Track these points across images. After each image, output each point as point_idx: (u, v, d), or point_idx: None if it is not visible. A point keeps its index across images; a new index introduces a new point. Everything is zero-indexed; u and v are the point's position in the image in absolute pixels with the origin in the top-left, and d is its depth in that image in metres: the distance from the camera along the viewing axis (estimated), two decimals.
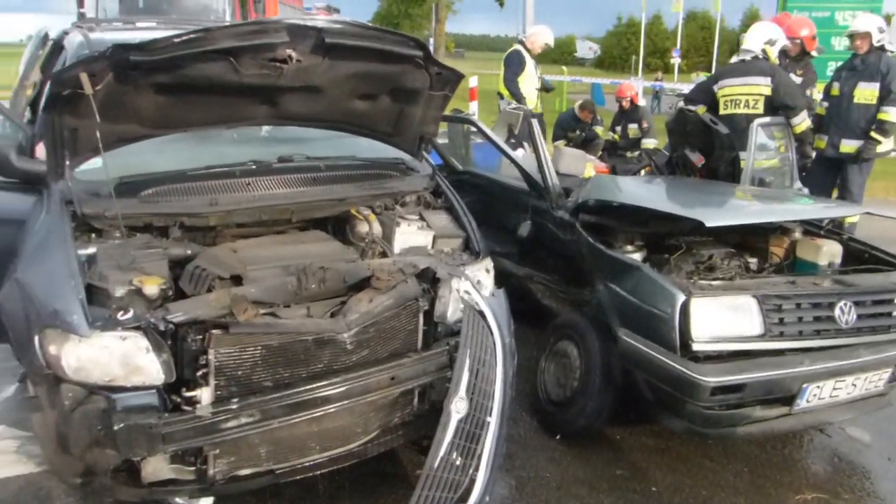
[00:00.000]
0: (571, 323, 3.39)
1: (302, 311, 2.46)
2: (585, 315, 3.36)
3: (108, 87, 2.35)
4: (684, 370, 2.64)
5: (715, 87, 5.09)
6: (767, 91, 4.85)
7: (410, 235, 3.05)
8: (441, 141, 4.95)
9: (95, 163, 2.58)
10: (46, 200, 2.63)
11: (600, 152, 8.30)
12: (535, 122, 3.81)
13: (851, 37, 5.60)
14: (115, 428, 2.10)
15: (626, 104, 8.38)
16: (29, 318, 2.25)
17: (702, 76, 25.13)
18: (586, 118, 8.58)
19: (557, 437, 3.32)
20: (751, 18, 62.74)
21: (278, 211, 2.89)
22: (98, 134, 2.39)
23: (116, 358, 2.17)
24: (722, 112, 4.92)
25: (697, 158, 3.93)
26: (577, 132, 8.61)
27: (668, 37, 48.22)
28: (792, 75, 5.43)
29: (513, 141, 5.52)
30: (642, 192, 3.70)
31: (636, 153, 8.19)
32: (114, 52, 2.28)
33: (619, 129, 8.61)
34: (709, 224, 2.83)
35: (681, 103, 5.78)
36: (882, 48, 5.38)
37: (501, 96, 7.81)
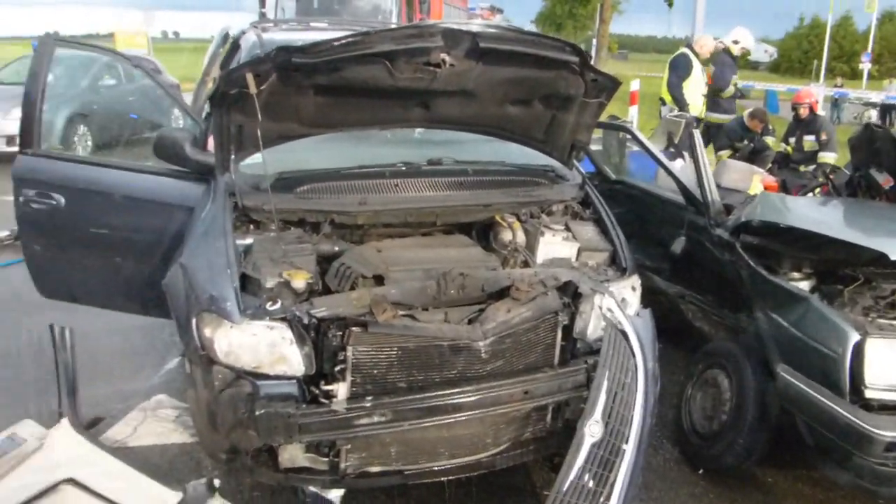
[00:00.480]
0: (724, 351, 3.16)
1: (440, 315, 2.47)
2: (741, 344, 3.11)
3: (272, 87, 2.46)
4: (855, 420, 2.37)
5: None
6: None
7: (554, 246, 2.97)
8: (595, 148, 4.81)
9: (258, 157, 2.73)
10: (213, 191, 2.82)
11: (770, 165, 7.69)
12: (696, 131, 3.57)
13: None
14: (257, 413, 2.22)
15: (803, 112, 7.67)
16: (189, 301, 2.42)
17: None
18: (756, 128, 7.96)
19: (700, 471, 3.10)
20: None
21: (423, 213, 2.92)
22: (259, 132, 2.52)
23: (263, 346, 2.29)
24: None
25: (885, 180, 3.50)
26: (746, 142, 8.03)
27: (859, 39, 43.99)
28: None
29: (672, 150, 5.25)
30: (816, 214, 3.36)
31: (811, 167, 7.50)
32: (278, 54, 2.39)
33: (793, 140, 7.91)
34: (894, 257, 2.51)
35: (873, 113, 5.22)
36: None
37: (664, 102, 7.49)
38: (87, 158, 4.83)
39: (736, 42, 7.93)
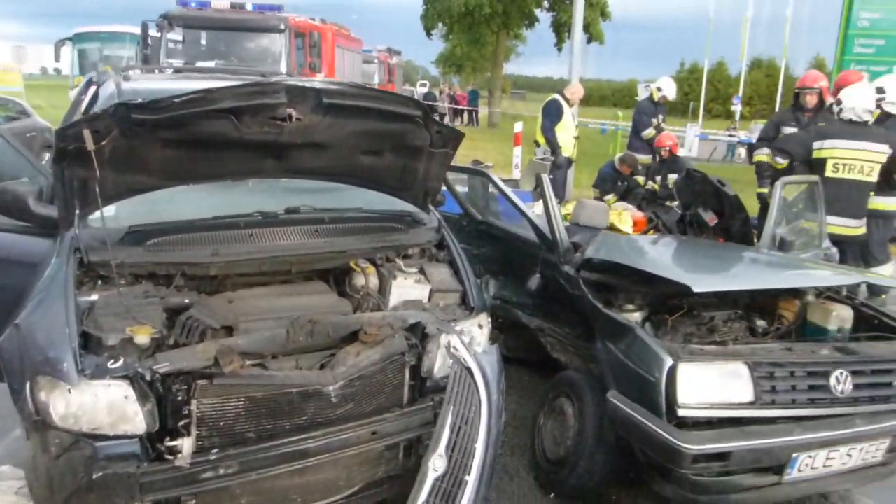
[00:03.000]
0: (568, 380, 3.40)
1: (291, 363, 2.53)
2: (584, 373, 3.35)
3: (115, 142, 2.45)
4: (667, 436, 2.62)
5: (817, 145, 5.03)
6: (883, 158, 4.85)
7: (407, 289, 3.10)
8: (462, 190, 5.05)
9: (108, 211, 2.71)
10: (59, 246, 2.75)
11: (640, 202, 8.27)
12: (545, 177, 3.85)
13: None
14: (95, 476, 2.18)
15: (664, 153, 8.35)
16: (24, 364, 2.35)
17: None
18: (626, 171, 8.60)
19: (552, 495, 3.30)
20: (817, 67, 61.47)
21: (278, 262, 2.94)
22: (97, 188, 2.50)
23: (103, 406, 2.23)
24: (830, 175, 4.91)
25: (710, 218, 3.90)
26: (620, 183, 8.62)
27: (732, 83, 47.57)
28: None
29: (538, 191, 5.56)
30: (645, 252, 3.70)
31: (675, 203, 8.15)
32: (116, 109, 2.39)
33: (658, 178, 8.56)
34: (696, 289, 2.82)
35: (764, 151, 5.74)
36: None
37: (538, 144, 7.93)
38: None
39: (659, 89, 8.67)
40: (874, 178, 4.95)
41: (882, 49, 13.39)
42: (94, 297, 2.57)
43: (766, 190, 5.59)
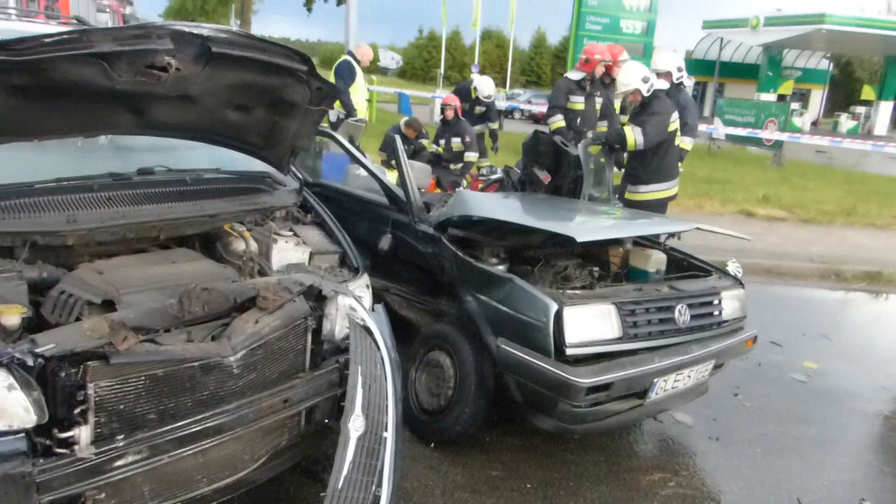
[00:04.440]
0: (442, 334, 3.52)
1: (182, 336, 2.32)
2: (455, 326, 3.49)
3: None
4: (561, 373, 2.87)
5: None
6: None
7: (288, 252, 3.00)
8: None
9: None
10: None
11: (427, 164, 8.58)
12: (398, 138, 3.88)
13: None
14: None
15: (448, 113, 8.72)
16: None
17: (503, 93, 26.82)
18: (411, 134, 8.83)
19: (432, 444, 3.42)
20: (539, 40, 67.82)
21: (145, 228, 2.66)
22: None
23: None
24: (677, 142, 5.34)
25: (544, 176, 4.25)
26: (407, 146, 8.83)
27: (467, 52, 50.57)
28: None
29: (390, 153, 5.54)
30: (509, 208, 3.93)
31: (459, 165, 8.60)
32: None
33: (442, 142, 8.94)
34: (580, 240, 3.09)
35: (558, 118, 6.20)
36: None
37: (332, 106, 7.81)
38: None
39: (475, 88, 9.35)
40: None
41: (607, 26, 15.33)
42: None
43: None
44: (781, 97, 29.88)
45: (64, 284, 2.30)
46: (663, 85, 5.13)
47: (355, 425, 2.49)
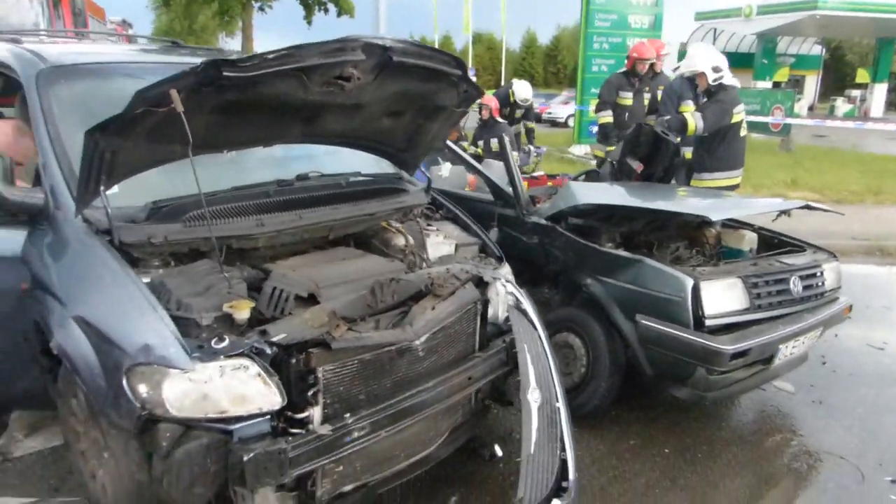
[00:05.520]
0: (570, 317, 3.75)
1: (370, 324, 2.54)
2: (582, 309, 3.73)
3: (202, 103, 2.26)
4: (708, 342, 3.11)
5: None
6: None
7: (439, 245, 3.22)
8: None
9: (113, 190, 2.45)
10: (58, 233, 2.49)
11: None
12: (507, 138, 4.12)
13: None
14: (246, 459, 2.06)
15: (485, 114, 8.91)
16: (107, 359, 2.15)
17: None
18: (453, 137, 9.04)
19: None
20: (530, 40, 68.17)
21: (318, 229, 2.88)
22: (189, 150, 2.29)
23: (224, 388, 2.12)
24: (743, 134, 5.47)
25: (637, 165, 4.50)
26: None
27: (459, 56, 50.76)
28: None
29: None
30: (625, 196, 4.18)
31: None
32: (206, 68, 2.15)
33: (481, 143, 9.15)
34: (713, 219, 3.34)
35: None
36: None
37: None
38: None
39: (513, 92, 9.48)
40: None
41: (616, 22, 15.58)
42: (146, 279, 2.36)
43: (612, 148, 6.40)
44: (776, 84, 30.27)
45: (274, 281, 2.50)
46: (734, 81, 5.31)
47: (534, 397, 2.73)
